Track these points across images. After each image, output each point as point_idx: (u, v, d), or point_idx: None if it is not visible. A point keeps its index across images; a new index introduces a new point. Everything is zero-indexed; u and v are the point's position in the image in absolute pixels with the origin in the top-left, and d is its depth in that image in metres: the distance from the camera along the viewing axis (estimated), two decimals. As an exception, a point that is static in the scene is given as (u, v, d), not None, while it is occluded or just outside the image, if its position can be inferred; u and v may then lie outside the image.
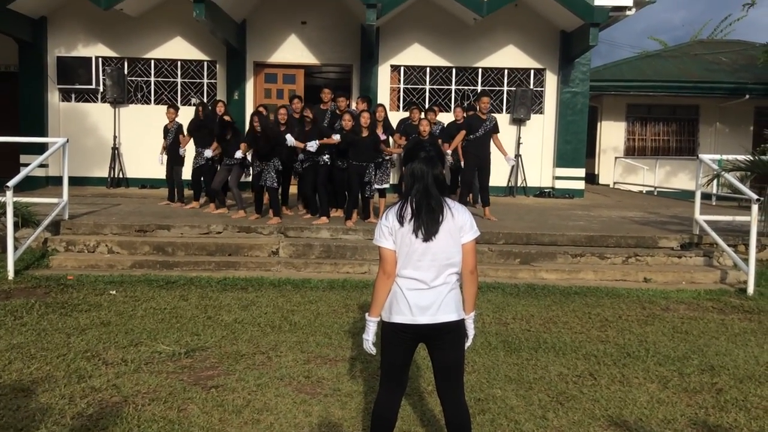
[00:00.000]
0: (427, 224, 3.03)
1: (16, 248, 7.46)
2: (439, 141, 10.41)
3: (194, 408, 4.05)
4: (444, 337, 3.12)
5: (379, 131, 9.70)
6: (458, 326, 3.14)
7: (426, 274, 3.07)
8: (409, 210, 3.06)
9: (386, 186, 9.65)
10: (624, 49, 61.55)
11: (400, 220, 3.07)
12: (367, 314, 3.23)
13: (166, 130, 11.03)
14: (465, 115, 11.00)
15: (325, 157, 9.46)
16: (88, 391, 4.24)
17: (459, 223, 3.10)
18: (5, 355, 4.83)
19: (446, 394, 3.20)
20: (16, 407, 3.95)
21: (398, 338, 3.14)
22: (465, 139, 10.07)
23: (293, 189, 10.76)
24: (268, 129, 9.19)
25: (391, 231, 3.10)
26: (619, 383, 4.67)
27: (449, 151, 10.18)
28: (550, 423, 4.00)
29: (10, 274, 7.24)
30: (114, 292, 6.75)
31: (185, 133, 10.93)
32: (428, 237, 3.04)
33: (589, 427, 3.96)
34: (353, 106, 11.09)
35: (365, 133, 9.05)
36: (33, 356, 4.84)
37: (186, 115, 11.67)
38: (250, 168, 9.96)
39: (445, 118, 12.34)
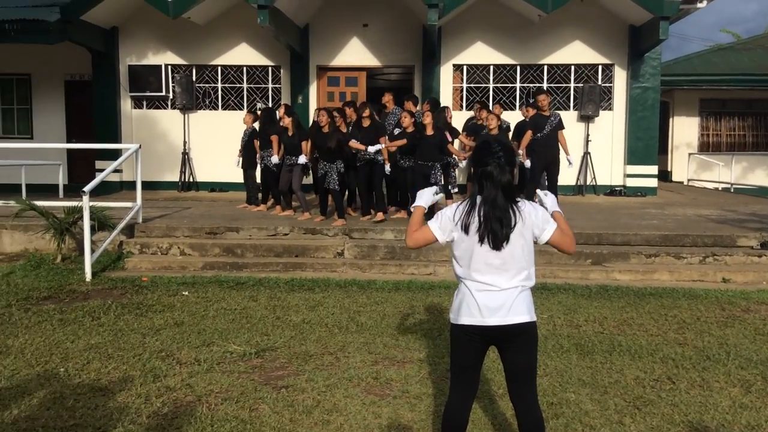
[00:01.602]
0: (494, 234, 2.98)
1: (93, 251, 7.73)
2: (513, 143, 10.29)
3: (265, 408, 4.08)
4: (515, 340, 3.05)
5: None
6: (530, 328, 3.06)
7: (496, 278, 3.02)
8: (476, 218, 3.01)
9: (455, 190, 9.57)
10: (695, 42, 59.54)
11: (466, 228, 3.03)
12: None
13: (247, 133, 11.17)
14: (528, 113, 10.82)
15: (380, 157, 9.49)
16: (163, 390, 4.33)
17: (531, 223, 3.03)
18: (84, 355, 4.99)
19: (519, 398, 3.13)
20: (94, 406, 4.06)
21: (467, 340, 3.08)
22: (532, 138, 9.90)
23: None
24: (334, 129, 9.25)
25: (453, 228, 3.07)
26: (699, 387, 4.48)
27: (521, 152, 10.02)
28: (627, 428, 3.86)
29: (88, 276, 7.50)
30: (186, 293, 6.91)
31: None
32: (498, 246, 2.98)
33: (668, 434, 3.81)
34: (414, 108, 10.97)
35: (430, 132, 8.99)
36: (110, 356, 4.98)
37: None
38: (310, 170, 10.03)
39: (509, 117, 12.17)
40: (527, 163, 10.15)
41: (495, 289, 3.01)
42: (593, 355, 5.10)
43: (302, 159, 9.82)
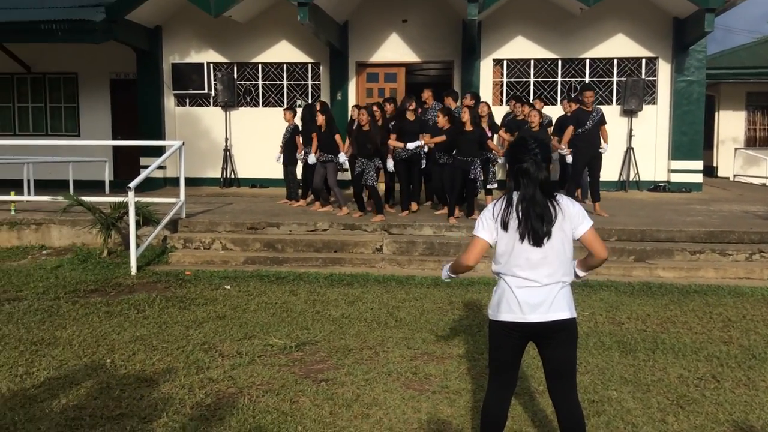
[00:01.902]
0: (535, 231, 2.97)
1: (137, 245, 7.90)
2: (553, 138, 10.20)
3: (306, 400, 4.13)
4: (555, 336, 3.03)
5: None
6: (570, 324, 3.05)
7: (537, 273, 3.00)
8: (514, 215, 3.01)
9: (494, 186, 9.53)
10: (741, 34, 57.76)
11: (505, 225, 3.03)
12: (446, 268, 3.47)
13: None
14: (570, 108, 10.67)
15: (423, 152, 9.70)
16: (206, 381, 4.41)
17: (569, 217, 3.02)
18: (129, 347, 5.11)
19: (558, 395, 3.12)
20: (139, 396, 4.17)
21: (506, 337, 3.08)
22: (573, 133, 9.77)
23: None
24: (377, 127, 9.28)
25: (496, 227, 3.06)
26: (744, 386, 4.39)
27: (564, 147, 9.90)
28: (670, 427, 3.80)
29: (133, 270, 7.67)
30: (228, 286, 7.02)
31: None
32: (538, 242, 2.97)
33: (713, 433, 3.74)
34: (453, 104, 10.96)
35: (469, 128, 8.96)
36: (155, 348, 5.10)
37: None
38: (344, 165, 10.12)
39: (550, 111, 12.03)
40: (569, 159, 10.04)
41: (535, 284, 3.00)
42: (636, 352, 5.03)
43: (342, 157, 9.87)
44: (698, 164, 13.98)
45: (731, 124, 18.78)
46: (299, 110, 11.70)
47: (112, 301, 6.45)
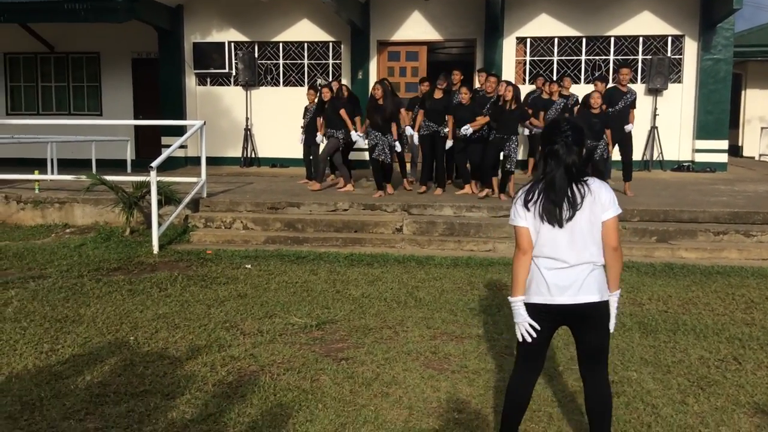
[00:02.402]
0: (550, 212, 2.96)
1: (159, 224, 7.98)
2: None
3: (326, 379, 4.16)
4: (586, 319, 3.03)
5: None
6: (601, 307, 3.03)
7: (566, 254, 2.99)
8: (540, 196, 3.00)
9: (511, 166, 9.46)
10: (772, 10, 56.55)
11: (528, 206, 3.02)
12: (510, 297, 3.13)
13: (306, 110, 11.26)
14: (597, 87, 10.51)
15: (445, 129, 9.84)
16: (227, 359, 4.46)
17: (600, 200, 2.98)
18: (152, 325, 5.18)
19: (590, 377, 3.12)
20: (162, 373, 4.23)
21: (536, 319, 3.05)
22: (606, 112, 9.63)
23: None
24: (389, 100, 9.44)
25: (524, 211, 3.04)
26: (766, 368, 4.35)
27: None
28: (690, 408, 3.79)
29: (155, 249, 7.75)
30: (249, 266, 7.07)
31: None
32: (559, 223, 2.96)
33: (732, 414, 3.72)
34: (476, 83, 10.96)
35: (513, 106, 9.09)
36: (177, 326, 5.16)
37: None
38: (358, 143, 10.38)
39: (575, 90, 11.89)
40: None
41: (564, 265, 2.99)
42: (656, 333, 5.00)
43: (354, 135, 10.08)
44: (723, 144, 13.77)
45: (758, 103, 18.44)
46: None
47: (134, 280, 6.54)
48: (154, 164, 7.99)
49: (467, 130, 9.33)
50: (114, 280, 6.53)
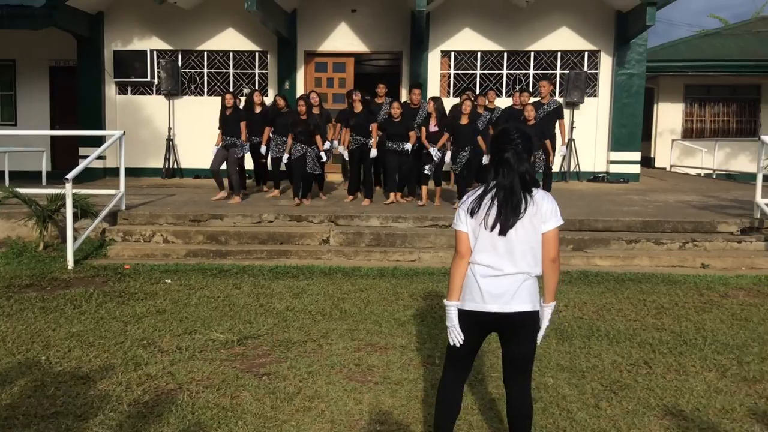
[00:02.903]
0: (504, 220, 2.98)
1: (75, 238, 7.71)
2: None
3: (247, 395, 4.11)
4: (516, 328, 3.06)
5: (433, 123, 9.87)
6: (531, 317, 3.06)
7: (501, 261, 3.02)
8: (486, 203, 3.02)
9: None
10: (682, 28, 59.49)
11: (473, 213, 3.04)
12: (445, 300, 3.17)
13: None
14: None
15: (371, 141, 10.21)
16: (144, 378, 4.35)
17: (541, 211, 3.02)
18: (65, 343, 4.99)
19: (514, 386, 3.16)
20: (75, 394, 4.08)
21: (468, 324, 3.09)
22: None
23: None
24: (312, 115, 9.86)
25: (467, 216, 3.07)
26: (675, 372, 4.55)
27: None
28: (603, 412, 3.92)
29: (70, 264, 7.48)
30: (169, 280, 6.91)
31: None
32: (504, 231, 2.99)
33: (643, 417, 3.87)
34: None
35: (465, 121, 9.43)
36: (91, 344, 4.99)
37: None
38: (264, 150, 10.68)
39: (497, 103, 12.19)
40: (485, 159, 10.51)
41: (498, 273, 3.01)
42: (572, 339, 5.17)
43: (245, 148, 10.55)
44: (636, 155, 14.38)
45: (669, 116, 19.30)
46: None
47: (47, 297, 6.29)
48: (69, 176, 7.73)
49: (437, 155, 9.67)
50: (26, 297, 6.26)
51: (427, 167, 9.72)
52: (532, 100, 10.67)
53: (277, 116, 10.43)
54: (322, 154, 9.98)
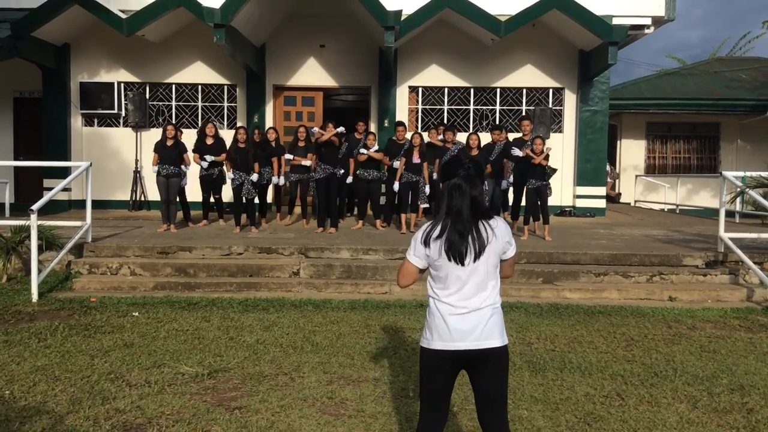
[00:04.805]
0: (457, 248, 2.91)
1: (39, 271, 7.53)
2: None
3: (218, 429, 4.03)
4: (487, 364, 2.97)
5: (416, 156, 10.51)
6: (502, 352, 2.99)
7: (468, 294, 2.95)
8: (441, 233, 2.95)
9: (425, 205, 10.90)
10: (642, 67, 61.28)
11: (431, 244, 2.96)
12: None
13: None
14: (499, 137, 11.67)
15: (341, 171, 10.90)
16: (112, 412, 4.23)
17: (501, 241, 2.99)
18: (30, 378, 4.85)
19: (489, 423, 3.05)
20: (41, 429, 3.95)
21: (439, 365, 2.99)
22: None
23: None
24: (250, 144, 10.82)
25: (424, 249, 2.99)
26: (647, 403, 4.59)
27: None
28: (578, 444, 3.93)
29: (34, 297, 7.30)
30: (137, 313, 6.78)
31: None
32: (462, 261, 2.92)
33: (618, 449, 3.89)
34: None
35: (475, 152, 10.31)
36: (57, 378, 4.86)
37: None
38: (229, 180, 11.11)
39: (461, 138, 12.34)
40: (504, 184, 11.48)
41: (464, 310, 2.94)
42: (545, 372, 5.18)
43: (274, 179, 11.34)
44: (601, 190, 14.66)
45: (632, 153, 19.76)
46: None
47: (11, 330, 6.11)
48: (35, 207, 7.58)
49: (425, 187, 10.47)
50: (-13, 331, 6.08)
51: (419, 202, 10.64)
52: (514, 136, 11.13)
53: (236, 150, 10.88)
54: (254, 177, 10.61)
